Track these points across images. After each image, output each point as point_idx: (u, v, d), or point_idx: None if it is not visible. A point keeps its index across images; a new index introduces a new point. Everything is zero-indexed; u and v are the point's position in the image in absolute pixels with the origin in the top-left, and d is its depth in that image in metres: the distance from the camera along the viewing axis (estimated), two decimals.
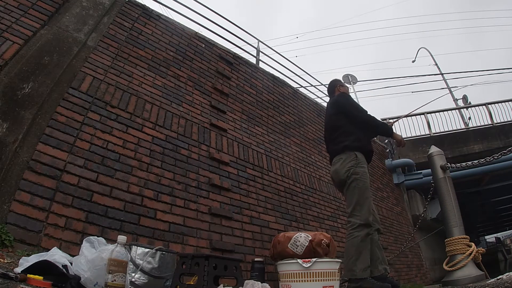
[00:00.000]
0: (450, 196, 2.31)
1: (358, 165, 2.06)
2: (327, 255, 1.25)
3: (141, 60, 2.72)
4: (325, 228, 3.54)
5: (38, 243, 1.58)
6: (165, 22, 3.20)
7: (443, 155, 2.49)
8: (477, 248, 2.13)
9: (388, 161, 6.88)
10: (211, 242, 2.34)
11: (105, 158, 2.06)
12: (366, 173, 2.06)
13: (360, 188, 1.98)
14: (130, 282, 1.26)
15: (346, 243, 1.84)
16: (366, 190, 2.00)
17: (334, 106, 2.41)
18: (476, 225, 15.17)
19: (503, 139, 7.25)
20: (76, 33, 2.35)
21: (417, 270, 5.45)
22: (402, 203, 6.57)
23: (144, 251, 1.35)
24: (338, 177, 2.12)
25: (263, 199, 3.03)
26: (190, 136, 2.71)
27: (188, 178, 2.47)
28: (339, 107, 2.36)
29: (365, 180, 2.03)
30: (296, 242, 1.28)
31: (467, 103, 10.32)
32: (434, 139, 7.45)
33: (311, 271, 1.18)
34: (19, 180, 1.65)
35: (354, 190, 1.99)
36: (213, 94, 3.23)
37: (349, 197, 2.02)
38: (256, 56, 4.90)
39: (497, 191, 8.79)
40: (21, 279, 1.00)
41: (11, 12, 2.09)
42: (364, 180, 2.02)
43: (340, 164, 2.12)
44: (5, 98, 1.80)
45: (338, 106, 2.37)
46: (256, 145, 3.37)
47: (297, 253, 1.26)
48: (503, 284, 1.26)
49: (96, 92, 2.24)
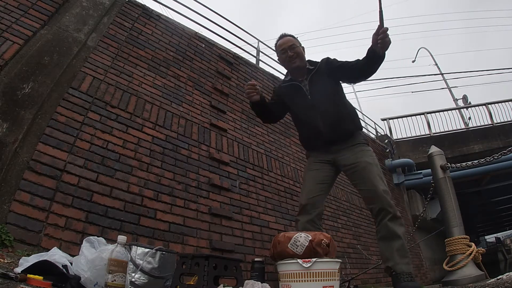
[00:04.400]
0: (450, 196, 2.31)
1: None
2: (327, 255, 1.25)
3: (141, 60, 2.73)
4: (325, 228, 3.54)
5: (38, 243, 1.58)
6: (165, 22, 3.20)
7: (443, 155, 2.48)
8: (477, 248, 2.12)
9: (388, 161, 6.89)
10: (211, 242, 2.34)
11: (105, 158, 2.06)
12: (307, 164, 2.00)
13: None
14: (130, 282, 1.26)
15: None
16: (303, 179, 1.97)
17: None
18: (476, 225, 15.19)
19: (503, 139, 7.25)
20: (76, 33, 2.35)
21: (417, 270, 5.46)
22: (402, 203, 6.58)
23: (144, 251, 1.35)
24: None
25: (263, 199, 3.03)
26: (190, 136, 2.71)
27: (188, 178, 2.47)
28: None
29: (304, 171, 2.02)
30: (296, 242, 1.28)
31: (467, 103, 10.34)
32: (434, 139, 7.46)
33: (311, 271, 1.17)
34: (19, 180, 1.65)
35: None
36: (213, 94, 3.23)
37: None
38: (256, 56, 4.90)
39: (497, 191, 8.80)
40: (21, 279, 1.00)
41: (11, 12, 2.09)
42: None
43: None
44: (5, 98, 1.80)
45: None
46: (256, 145, 3.37)
47: (297, 253, 1.26)
48: (503, 284, 1.26)
49: (96, 92, 2.24)
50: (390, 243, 1.62)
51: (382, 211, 1.65)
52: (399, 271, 1.57)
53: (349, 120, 1.85)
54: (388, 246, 1.62)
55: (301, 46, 1.96)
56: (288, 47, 1.90)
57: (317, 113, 1.82)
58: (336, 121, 1.79)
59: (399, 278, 1.55)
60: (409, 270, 1.58)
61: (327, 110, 1.81)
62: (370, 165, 1.74)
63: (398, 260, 1.59)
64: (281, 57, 1.96)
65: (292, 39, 1.95)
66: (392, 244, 1.61)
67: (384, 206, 1.64)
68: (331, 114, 1.80)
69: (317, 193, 1.81)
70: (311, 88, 1.87)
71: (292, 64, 1.91)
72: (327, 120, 1.79)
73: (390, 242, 1.62)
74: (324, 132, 1.80)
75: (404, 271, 1.57)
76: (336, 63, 1.90)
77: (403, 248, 1.62)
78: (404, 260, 1.60)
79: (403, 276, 1.56)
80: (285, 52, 1.91)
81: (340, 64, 1.88)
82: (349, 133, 1.83)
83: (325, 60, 1.96)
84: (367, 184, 1.71)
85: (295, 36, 1.98)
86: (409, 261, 1.63)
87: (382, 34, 1.55)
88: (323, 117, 1.80)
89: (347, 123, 1.83)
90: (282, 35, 1.98)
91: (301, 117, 1.92)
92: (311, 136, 1.89)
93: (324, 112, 1.81)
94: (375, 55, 1.63)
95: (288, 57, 1.90)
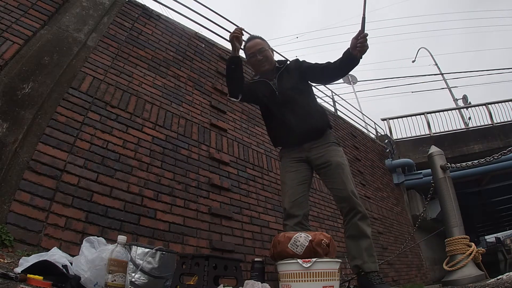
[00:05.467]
0: (450, 196, 2.31)
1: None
2: (327, 255, 1.25)
3: (141, 60, 2.72)
4: (325, 228, 3.54)
5: (38, 243, 1.58)
6: (165, 22, 3.20)
7: (443, 155, 2.48)
8: (477, 248, 2.12)
9: (388, 161, 6.89)
10: (211, 242, 2.34)
11: (105, 158, 2.06)
12: (282, 167, 1.97)
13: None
14: (130, 282, 1.26)
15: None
16: (281, 183, 1.95)
17: None
18: (476, 225, 15.19)
19: (503, 139, 7.25)
20: (76, 33, 2.35)
21: (417, 270, 5.46)
22: (402, 203, 6.57)
23: (144, 251, 1.35)
24: None
25: (263, 199, 3.03)
26: (190, 136, 2.71)
27: (188, 178, 2.47)
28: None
29: (280, 174, 2.00)
30: (296, 242, 1.28)
31: (467, 103, 10.34)
32: (434, 139, 7.46)
33: (311, 271, 1.18)
34: (19, 180, 1.65)
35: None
36: (213, 94, 3.23)
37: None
38: None
39: (497, 191, 8.80)
40: (21, 279, 1.00)
41: (11, 12, 2.09)
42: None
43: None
44: (5, 98, 1.80)
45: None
46: (256, 145, 3.37)
47: (297, 253, 1.26)
48: (503, 284, 1.26)
49: (96, 92, 2.24)
50: (358, 242, 1.66)
51: (352, 210, 1.69)
52: (368, 270, 1.60)
53: (318, 116, 1.87)
54: (357, 244, 1.66)
55: (270, 48, 1.97)
56: (257, 50, 1.90)
57: (287, 109, 1.82)
58: (305, 117, 1.80)
59: (369, 278, 1.58)
60: (376, 269, 1.62)
61: (295, 106, 1.82)
62: (342, 165, 1.78)
63: (367, 258, 1.62)
64: (250, 61, 1.95)
65: (261, 42, 1.94)
66: (360, 243, 1.65)
67: (354, 206, 1.69)
68: (299, 110, 1.82)
69: (300, 194, 1.81)
70: (280, 85, 1.87)
71: (261, 67, 1.92)
72: (297, 116, 1.80)
73: (359, 241, 1.66)
74: (295, 127, 1.80)
75: (372, 270, 1.60)
76: (306, 64, 1.94)
77: (371, 247, 1.67)
78: (371, 259, 1.64)
79: (373, 276, 1.59)
80: (254, 56, 1.90)
81: (309, 66, 1.92)
82: (319, 129, 1.84)
83: (295, 61, 1.99)
84: (338, 184, 1.74)
85: (263, 38, 1.98)
86: (376, 260, 1.67)
87: (362, 39, 1.59)
88: (292, 113, 1.81)
89: (316, 119, 1.84)
90: (251, 37, 1.97)
91: (271, 113, 1.91)
92: (282, 132, 1.88)
93: (293, 108, 1.82)
94: (351, 58, 1.67)
95: (257, 61, 1.90)
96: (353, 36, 1.62)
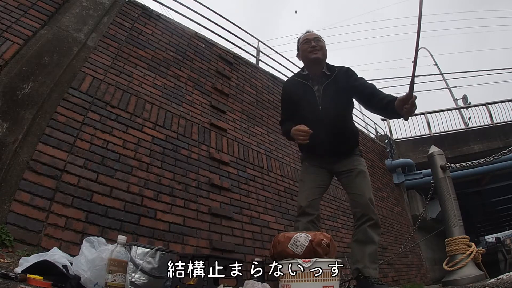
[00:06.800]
0: (450, 196, 2.31)
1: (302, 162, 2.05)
2: (327, 255, 1.25)
3: (141, 60, 2.73)
4: (325, 228, 3.54)
5: (38, 243, 1.58)
6: (165, 22, 3.20)
7: (443, 155, 2.49)
8: (477, 248, 2.13)
9: (388, 161, 6.88)
10: (211, 242, 2.34)
11: (105, 158, 2.06)
12: (303, 167, 2.00)
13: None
14: (130, 282, 1.25)
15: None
16: (300, 181, 1.99)
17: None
18: (476, 225, 15.18)
19: (503, 139, 7.25)
20: (76, 33, 2.35)
21: (417, 270, 5.46)
22: (402, 203, 6.57)
23: (144, 251, 1.35)
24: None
25: (263, 199, 3.03)
26: (190, 136, 2.71)
27: (188, 178, 2.47)
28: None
29: (301, 173, 2.04)
30: (296, 242, 1.28)
31: (467, 103, 10.33)
32: (434, 139, 7.45)
33: (311, 271, 1.18)
34: (19, 180, 1.65)
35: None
36: (213, 94, 3.23)
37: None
38: (256, 56, 4.90)
39: (497, 191, 8.79)
40: (21, 279, 1.00)
41: (11, 12, 2.09)
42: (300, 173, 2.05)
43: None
44: (5, 98, 1.80)
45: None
46: (256, 145, 3.37)
47: (297, 253, 1.26)
48: (503, 284, 1.26)
49: (96, 92, 2.24)
50: (364, 246, 1.66)
51: (365, 216, 1.69)
52: (367, 275, 1.59)
53: (352, 138, 1.90)
54: (361, 249, 1.66)
55: (325, 46, 1.89)
56: (313, 38, 1.84)
57: (324, 126, 1.74)
58: (342, 137, 1.82)
59: (369, 281, 1.57)
60: (376, 276, 1.61)
61: (335, 124, 1.77)
62: (364, 173, 1.82)
63: (368, 264, 1.62)
64: (302, 47, 1.85)
65: (319, 35, 1.89)
66: (365, 248, 1.66)
67: (368, 213, 1.69)
68: (337, 131, 1.78)
69: (315, 196, 1.84)
70: (324, 97, 1.79)
71: (312, 54, 1.80)
72: (334, 134, 1.77)
73: (365, 246, 1.66)
74: (329, 144, 1.79)
75: (372, 276, 1.59)
76: (355, 81, 1.82)
77: (375, 254, 1.67)
78: (373, 265, 1.63)
79: (372, 280, 1.58)
80: (308, 42, 1.82)
81: (362, 84, 1.81)
82: (350, 151, 1.88)
83: (345, 70, 1.86)
84: (358, 189, 1.76)
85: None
86: (378, 267, 1.67)
87: (410, 104, 1.47)
88: (329, 131, 1.75)
89: (351, 141, 1.89)
90: (309, 31, 1.93)
91: (306, 121, 1.74)
92: (314, 143, 1.76)
93: (333, 126, 1.76)
94: (397, 113, 1.55)
95: (310, 47, 1.80)
96: (400, 97, 1.50)
